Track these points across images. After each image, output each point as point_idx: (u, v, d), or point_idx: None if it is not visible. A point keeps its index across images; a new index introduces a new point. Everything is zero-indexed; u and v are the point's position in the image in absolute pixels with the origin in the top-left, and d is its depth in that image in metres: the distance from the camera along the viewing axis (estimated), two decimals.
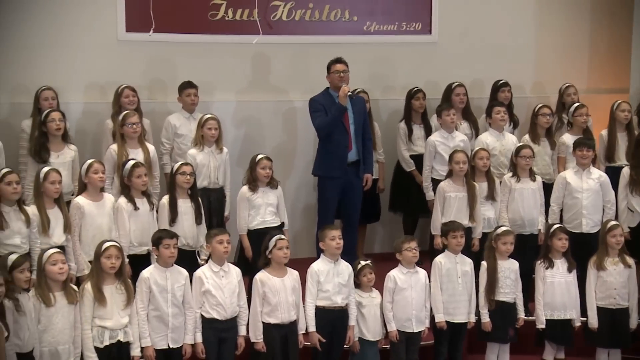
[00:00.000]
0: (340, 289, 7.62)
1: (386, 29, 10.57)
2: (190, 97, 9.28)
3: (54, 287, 6.81)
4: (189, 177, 8.04)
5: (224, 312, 7.33)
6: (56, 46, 9.48)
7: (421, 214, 9.86)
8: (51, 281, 6.80)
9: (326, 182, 9.06)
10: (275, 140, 10.24)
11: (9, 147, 8.70)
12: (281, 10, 10.18)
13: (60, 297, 6.82)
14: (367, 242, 10.31)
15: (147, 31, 9.70)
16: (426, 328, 7.89)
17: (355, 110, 9.05)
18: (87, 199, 7.76)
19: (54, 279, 6.80)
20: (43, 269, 6.79)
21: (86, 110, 9.65)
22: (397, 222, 10.25)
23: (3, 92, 9.38)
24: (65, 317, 6.82)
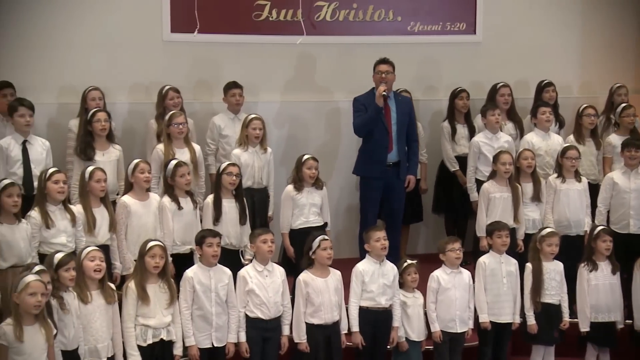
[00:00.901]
0: (384, 290, 7.61)
1: (430, 29, 10.53)
2: (235, 97, 9.32)
3: (91, 285, 6.85)
4: (234, 178, 8.07)
5: (268, 311, 7.36)
6: (103, 47, 9.55)
7: (465, 214, 9.81)
8: (88, 279, 6.83)
9: (366, 182, 9.08)
10: (319, 140, 10.24)
11: (57, 147, 8.78)
12: (325, 11, 10.18)
13: (97, 295, 6.86)
14: (410, 243, 10.28)
15: (192, 32, 9.75)
16: (470, 329, 7.86)
17: (399, 110, 9.04)
18: (134, 199, 7.82)
19: (90, 275, 6.82)
20: (81, 265, 6.84)
21: (132, 110, 9.72)
22: (440, 223, 10.22)
23: (51, 92, 9.46)
24: (103, 315, 6.86)
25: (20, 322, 6.12)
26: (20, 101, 8.27)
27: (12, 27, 9.25)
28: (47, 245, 7.31)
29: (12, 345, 6.06)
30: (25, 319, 6.15)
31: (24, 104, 8.21)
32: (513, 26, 10.76)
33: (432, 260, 8.17)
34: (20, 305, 6.12)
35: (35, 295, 6.10)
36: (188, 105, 9.35)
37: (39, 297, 6.11)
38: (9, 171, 8.00)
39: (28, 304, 6.09)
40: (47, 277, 6.39)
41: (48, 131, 9.25)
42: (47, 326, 6.23)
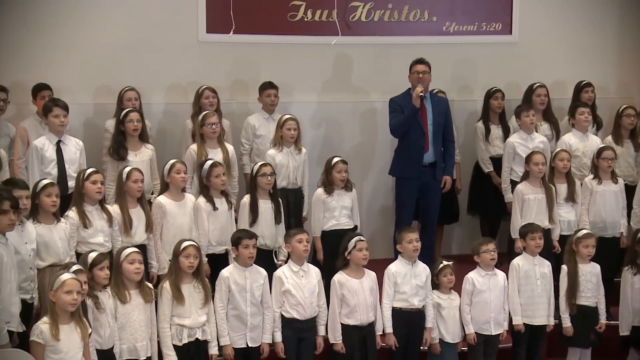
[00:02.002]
0: (417, 291, 7.59)
1: (466, 29, 10.49)
2: (270, 97, 9.34)
3: (129, 285, 6.89)
4: (269, 178, 8.08)
5: (304, 311, 7.36)
6: (139, 47, 9.59)
7: (500, 215, 9.77)
8: (127, 279, 6.88)
9: (402, 183, 9.07)
10: (354, 140, 10.24)
11: (93, 147, 8.86)
12: (360, 11, 10.17)
13: (136, 295, 6.89)
14: (445, 244, 10.25)
15: (228, 32, 9.77)
16: (505, 331, 7.82)
17: (435, 111, 9.02)
18: (169, 199, 7.85)
19: (130, 278, 6.87)
20: (120, 266, 6.87)
21: (167, 111, 9.77)
22: (475, 223, 10.19)
23: (87, 92, 9.52)
24: (141, 315, 6.89)
25: (56, 320, 6.15)
26: (55, 102, 8.32)
27: (49, 28, 9.31)
28: (85, 244, 7.35)
29: (48, 343, 6.09)
30: (61, 318, 6.18)
31: (59, 104, 8.25)
32: (549, 26, 10.71)
33: (466, 261, 8.14)
34: (56, 304, 6.15)
35: (71, 293, 6.13)
36: (225, 105, 9.38)
37: (74, 295, 6.14)
38: (43, 171, 8.04)
39: (64, 302, 6.13)
40: (84, 276, 6.42)
41: (84, 131, 9.31)
42: (82, 325, 6.26)
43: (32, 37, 9.23)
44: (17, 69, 9.17)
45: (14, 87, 8.97)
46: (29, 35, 9.22)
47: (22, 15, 9.23)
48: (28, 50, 9.23)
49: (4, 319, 6.13)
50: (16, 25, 9.20)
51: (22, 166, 8.40)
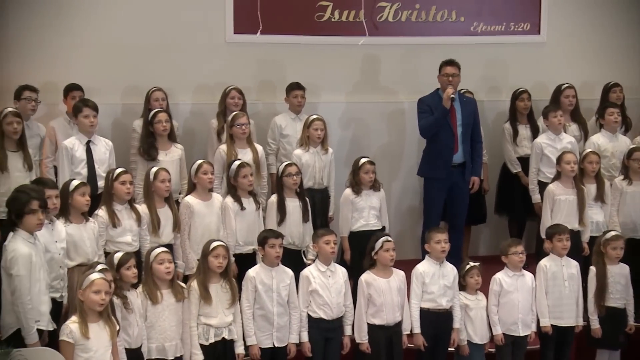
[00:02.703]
0: (445, 291, 7.57)
1: (494, 29, 10.46)
2: (297, 98, 9.35)
3: (161, 285, 6.91)
4: (295, 178, 8.10)
5: (331, 311, 7.36)
6: (166, 48, 9.63)
7: (527, 216, 9.73)
8: (158, 280, 6.91)
9: (431, 183, 9.05)
10: (382, 141, 10.23)
11: (121, 147, 8.90)
12: (387, 12, 10.16)
13: (167, 294, 6.92)
14: (472, 244, 10.22)
15: (255, 33, 9.79)
16: (533, 332, 7.78)
17: (464, 111, 9.00)
18: (197, 199, 7.88)
19: (161, 278, 6.90)
20: (150, 267, 6.90)
21: (195, 111, 9.80)
22: (503, 224, 10.15)
23: (115, 93, 9.57)
24: (172, 314, 6.91)
25: (85, 319, 6.17)
26: (85, 102, 8.37)
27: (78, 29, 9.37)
28: (113, 244, 7.40)
29: (77, 342, 6.11)
30: (90, 317, 6.20)
31: (88, 104, 8.30)
32: (577, 26, 10.66)
33: (494, 262, 8.11)
34: (84, 303, 6.18)
35: (99, 292, 6.15)
36: (251, 105, 9.40)
37: (103, 294, 6.16)
38: (73, 171, 8.09)
39: (92, 301, 6.15)
40: (110, 275, 6.44)
41: (113, 131, 9.36)
42: (111, 324, 6.29)
43: (61, 38, 9.30)
44: (48, 69, 9.24)
45: (44, 88, 9.03)
46: (58, 35, 9.29)
47: (52, 16, 9.29)
48: (58, 50, 9.30)
49: (33, 317, 6.16)
50: (46, 26, 9.27)
51: (49, 165, 8.46)
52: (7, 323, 6.26)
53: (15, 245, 6.18)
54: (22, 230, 6.26)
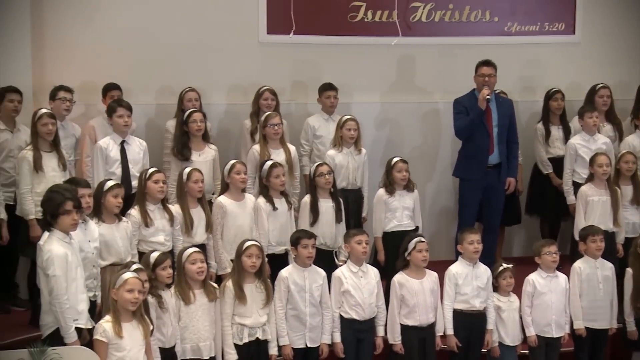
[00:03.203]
0: (478, 293, 7.54)
1: (528, 29, 10.41)
2: (330, 99, 9.35)
3: (193, 285, 6.94)
4: (327, 177, 8.09)
5: (363, 312, 7.35)
6: (199, 48, 9.68)
7: (559, 217, 9.68)
8: (190, 280, 6.93)
9: (466, 184, 9.03)
10: (415, 141, 10.22)
11: (154, 147, 8.93)
12: (421, 12, 10.14)
13: (200, 294, 6.94)
14: (506, 245, 10.17)
15: (288, 33, 9.81)
16: (566, 334, 7.73)
17: (500, 112, 8.97)
18: (229, 199, 7.89)
19: (193, 278, 6.92)
20: (183, 267, 6.93)
21: (228, 111, 9.83)
22: (536, 225, 10.08)
23: (148, 93, 9.62)
24: (205, 314, 6.94)
25: (118, 318, 6.20)
26: (119, 102, 8.43)
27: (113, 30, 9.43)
28: (146, 243, 7.43)
29: (111, 341, 6.15)
30: (123, 316, 6.23)
31: (122, 104, 8.35)
32: (612, 26, 10.59)
33: (527, 263, 8.07)
34: (118, 302, 6.21)
35: (132, 291, 6.18)
36: (284, 106, 9.41)
37: (136, 293, 6.19)
38: (108, 171, 8.14)
39: (125, 300, 6.18)
40: (145, 275, 6.47)
41: (146, 131, 9.40)
42: (144, 323, 6.31)
43: (96, 38, 9.36)
44: (83, 69, 9.30)
45: (82, 88, 9.11)
46: (93, 36, 9.36)
47: (86, 17, 9.37)
48: (92, 50, 9.36)
49: (71, 317, 6.20)
50: (81, 26, 9.34)
51: (90, 164, 8.48)
52: (47, 322, 6.30)
53: (51, 246, 6.22)
54: (57, 231, 6.29)
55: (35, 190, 7.69)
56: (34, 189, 7.70)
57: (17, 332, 7.62)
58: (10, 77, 8.30)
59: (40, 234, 7.40)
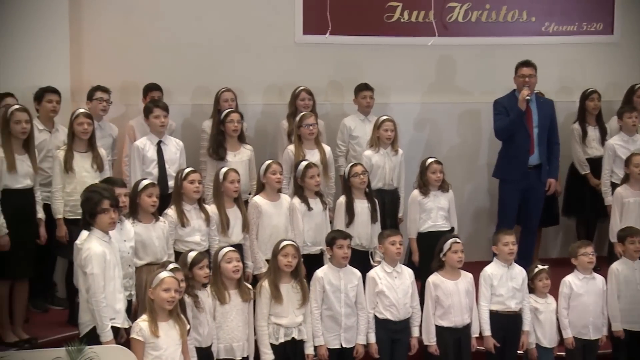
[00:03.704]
0: (514, 294, 7.52)
1: (566, 29, 10.35)
2: (366, 99, 9.35)
3: (228, 285, 6.96)
4: (362, 177, 8.09)
5: (397, 312, 7.35)
6: (236, 49, 9.72)
7: (596, 218, 9.61)
8: (226, 279, 6.95)
9: (506, 185, 9.01)
10: (451, 142, 10.20)
11: (190, 147, 8.96)
12: (457, 12, 10.12)
13: (235, 295, 6.96)
14: (543, 247, 10.12)
15: (324, 33, 9.82)
16: (604, 336, 7.68)
17: (541, 113, 8.94)
18: (265, 199, 7.91)
19: (229, 277, 6.94)
20: (218, 266, 6.95)
21: (264, 112, 9.86)
22: (574, 226, 10.02)
23: (185, 93, 9.67)
24: (239, 315, 6.96)
25: (155, 318, 6.25)
26: (156, 103, 8.48)
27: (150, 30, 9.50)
28: (182, 243, 7.47)
29: (148, 340, 6.19)
30: (160, 315, 6.27)
31: (159, 105, 8.40)
32: None
33: (565, 265, 8.01)
34: (154, 301, 6.25)
35: (169, 291, 6.22)
36: (320, 106, 9.43)
37: (172, 293, 6.23)
38: (145, 170, 8.19)
39: (162, 300, 6.22)
40: (181, 275, 6.51)
41: (182, 131, 9.45)
42: (181, 322, 6.35)
43: (133, 39, 9.44)
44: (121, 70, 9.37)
45: (121, 88, 9.21)
46: (130, 36, 9.43)
47: (124, 17, 9.44)
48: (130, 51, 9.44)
49: (107, 315, 6.24)
50: (119, 27, 9.41)
51: (128, 164, 8.53)
52: (84, 321, 6.35)
53: (90, 244, 6.26)
54: (96, 230, 6.34)
55: (65, 190, 7.76)
56: (64, 188, 7.76)
57: (55, 330, 7.71)
58: (49, 77, 8.35)
59: (65, 234, 7.55)
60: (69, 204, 7.74)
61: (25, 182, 7.51)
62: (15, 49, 8.46)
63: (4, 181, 7.39)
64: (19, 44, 8.48)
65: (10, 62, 8.42)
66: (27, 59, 8.50)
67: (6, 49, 8.41)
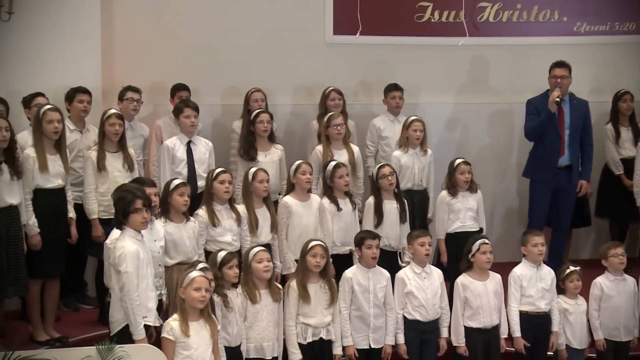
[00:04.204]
0: (543, 294, 7.49)
1: (598, 29, 10.28)
2: (395, 99, 9.33)
3: (259, 284, 6.97)
4: (390, 178, 8.08)
5: (426, 313, 7.33)
6: (266, 49, 9.74)
7: (630, 219, 9.54)
8: (257, 279, 6.96)
9: (536, 185, 8.97)
10: (482, 142, 10.17)
11: (220, 147, 8.99)
12: (488, 12, 10.09)
13: (265, 294, 6.98)
14: (574, 248, 10.06)
15: (354, 34, 9.83)
16: (635, 338, 7.64)
17: (573, 114, 8.88)
18: (295, 199, 7.91)
19: (260, 276, 6.95)
20: (249, 266, 6.96)
21: (294, 112, 9.88)
22: (606, 227, 9.95)
23: (215, 93, 9.71)
24: (269, 314, 6.97)
25: (186, 317, 6.27)
26: (186, 102, 8.50)
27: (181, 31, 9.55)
28: (214, 243, 7.47)
29: (178, 340, 6.22)
30: (191, 315, 6.30)
31: (189, 105, 8.42)
32: None
33: (596, 266, 7.96)
34: (185, 301, 6.28)
35: (200, 290, 6.24)
36: (349, 106, 9.40)
37: (203, 292, 6.25)
38: (174, 170, 8.22)
39: (193, 299, 6.24)
40: (211, 274, 6.53)
41: (212, 132, 9.49)
42: (211, 322, 6.37)
43: (164, 39, 9.48)
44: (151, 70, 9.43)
45: (151, 88, 9.26)
46: (161, 37, 9.48)
47: (155, 18, 9.49)
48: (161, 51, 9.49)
49: (140, 314, 6.26)
50: (151, 29, 9.47)
51: (156, 164, 8.58)
52: (117, 319, 6.38)
53: (124, 243, 6.30)
54: (129, 229, 6.37)
55: (98, 190, 7.81)
56: (97, 188, 7.81)
57: (85, 329, 7.77)
58: (80, 77, 8.40)
59: (102, 234, 7.59)
60: (102, 204, 7.79)
61: (57, 181, 7.56)
62: (47, 49, 8.51)
63: (36, 181, 7.44)
64: (51, 45, 8.53)
65: (42, 63, 8.48)
66: (59, 59, 8.55)
67: (38, 49, 8.47)
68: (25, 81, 8.34)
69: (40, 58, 8.47)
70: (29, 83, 8.31)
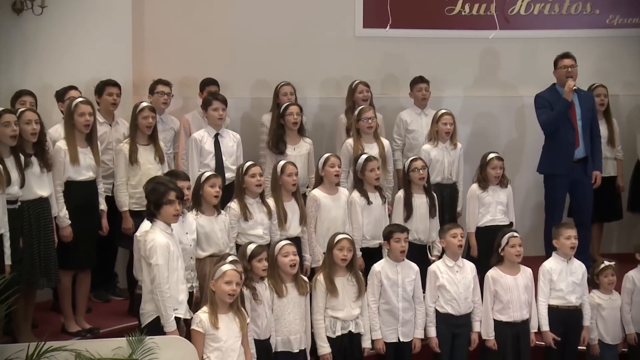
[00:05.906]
0: (574, 288, 7.45)
1: (631, 22, 10.19)
2: (421, 91, 9.31)
3: (285, 278, 6.98)
4: (421, 172, 8.07)
5: (458, 307, 7.31)
6: (295, 43, 9.75)
7: None
8: (283, 272, 6.97)
9: (552, 180, 8.91)
10: (508, 136, 10.14)
11: (249, 140, 9.02)
12: (519, 4, 10.04)
13: (292, 288, 6.98)
14: (605, 242, 9.98)
15: (384, 27, 9.81)
16: None
17: (583, 106, 8.82)
18: (323, 192, 7.91)
19: (286, 270, 6.96)
20: (275, 260, 6.96)
21: (322, 105, 9.88)
22: (637, 222, 9.87)
23: (244, 87, 9.73)
24: (296, 308, 6.97)
25: (215, 310, 6.29)
26: (214, 95, 8.52)
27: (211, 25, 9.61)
28: (245, 236, 7.47)
29: (208, 332, 6.24)
30: (221, 307, 6.31)
31: (218, 98, 8.43)
32: None
33: (626, 260, 7.91)
34: (216, 293, 6.29)
35: (230, 283, 6.26)
36: (376, 100, 9.38)
37: (234, 285, 6.27)
38: (202, 163, 8.24)
39: (223, 292, 6.26)
40: (240, 267, 6.54)
41: (241, 125, 9.50)
42: (241, 315, 6.39)
43: (194, 33, 9.55)
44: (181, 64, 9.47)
45: (181, 82, 9.29)
46: (192, 31, 9.54)
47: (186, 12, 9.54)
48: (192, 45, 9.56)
49: (171, 306, 6.28)
50: (180, 22, 9.52)
51: (185, 157, 8.58)
52: (147, 311, 6.40)
53: (154, 235, 6.31)
54: (160, 221, 6.39)
55: (130, 183, 7.86)
56: (129, 181, 7.86)
57: (116, 320, 7.82)
58: (111, 71, 8.44)
59: (132, 226, 7.62)
60: (134, 196, 7.83)
61: (88, 174, 7.59)
62: (79, 43, 8.54)
63: (67, 173, 7.47)
64: (83, 38, 8.56)
65: (73, 56, 8.50)
66: (90, 53, 8.57)
67: (70, 43, 8.50)
68: (57, 75, 8.36)
69: (72, 52, 8.49)
70: (60, 76, 8.33)
